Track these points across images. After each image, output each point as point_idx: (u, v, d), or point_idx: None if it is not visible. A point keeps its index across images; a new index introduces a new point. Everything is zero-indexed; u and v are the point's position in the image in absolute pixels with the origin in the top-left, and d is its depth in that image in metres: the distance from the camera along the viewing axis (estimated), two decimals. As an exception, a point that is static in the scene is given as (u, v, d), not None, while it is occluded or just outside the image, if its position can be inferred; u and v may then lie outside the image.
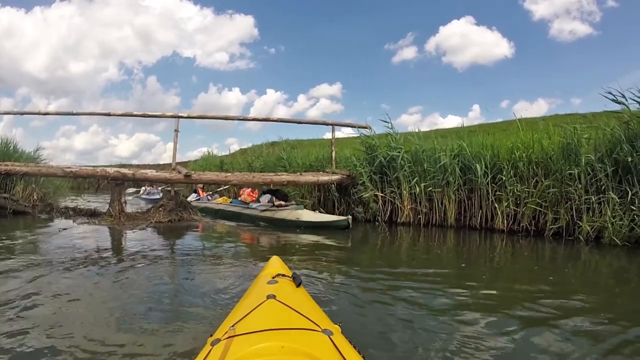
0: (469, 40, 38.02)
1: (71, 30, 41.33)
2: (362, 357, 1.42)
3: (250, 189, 10.61)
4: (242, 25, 43.33)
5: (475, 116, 35.21)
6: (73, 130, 47.04)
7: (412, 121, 41.15)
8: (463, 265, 5.37)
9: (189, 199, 11.93)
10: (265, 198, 9.33)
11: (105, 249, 5.86)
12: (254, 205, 9.62)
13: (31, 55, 42.05)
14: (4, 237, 6.36)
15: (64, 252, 5.34)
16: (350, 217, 7.85)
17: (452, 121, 36.92)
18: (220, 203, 11.49)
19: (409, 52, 39.85)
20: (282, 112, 40.87)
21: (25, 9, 43.77)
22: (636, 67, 31.30)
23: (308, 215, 8.30)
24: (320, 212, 9.03)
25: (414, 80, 42.42)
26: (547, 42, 35.69)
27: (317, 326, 1.47)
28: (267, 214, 8.85)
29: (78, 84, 44.42)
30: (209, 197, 13.16)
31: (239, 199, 10.71)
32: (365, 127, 10.22)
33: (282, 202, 8.90)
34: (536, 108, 36.54)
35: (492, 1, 42.38)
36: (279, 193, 9.60)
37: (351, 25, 43.01)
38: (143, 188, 19.97)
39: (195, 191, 13.44)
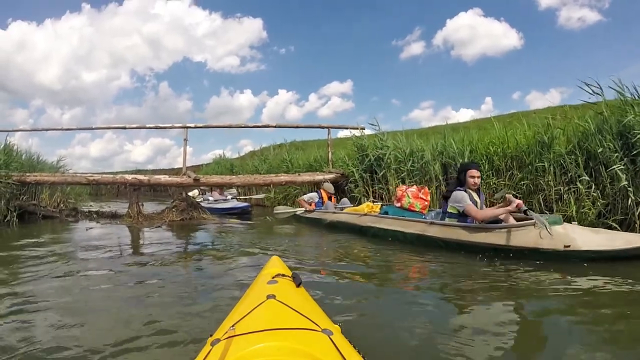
0: (477, 33, 35.53)
1: (82, 40, 40.27)
2: (362, 357, 1.26)
3: (415, 186, 6.05)
4: (251, 28, 41.98)
5: (488, 109, 32.87)
6: (88, 138, 46.10)
7: (424, 116, 38.17)
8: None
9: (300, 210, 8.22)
10: (460, 199, 4.50)
11: (126, 245, 6.15)
12: (429, 217, 5.36)
13: (44, 67, 40.99)
14: (41, 237, 6.70)
15: (92, 246, 5.54)
16: None
17: (464, 114, 34.86)
18: (366, 214, 6.16)
19: (416, 48, 37.38)
20: (293, 112, 39.48)
21: (36, 22, 42.84)
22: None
23: (590, 239, 3.81)
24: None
25: (423, 75, 39.66)
26: (556, 31, 33.19)
27: (317, 326, 1.31)
28: (480, 235, 4.26)
29: (91, 93, 43.43)
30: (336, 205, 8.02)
31: (397, 205, 5.81)
32: (359, 129, 9.94)
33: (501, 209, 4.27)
34: (549, 98, 34.28)
35: (499, -9, 38.08)
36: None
37: (358, 23, 40.21)
38: (196, 191, 13.18)
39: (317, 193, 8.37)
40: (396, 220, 5.46)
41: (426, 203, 5.70)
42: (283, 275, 1.86)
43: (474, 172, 4.58)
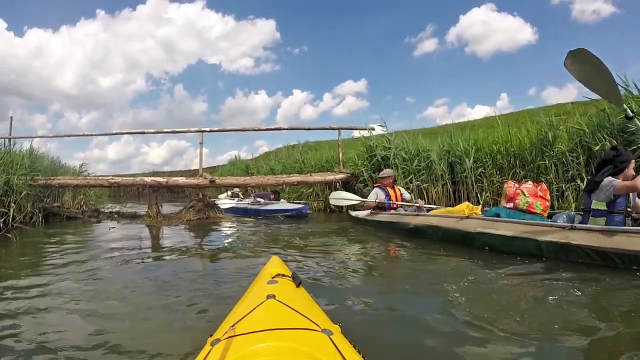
0: (491, 28, 34.71)
1: (97, 46, 40.01)
2: (362, 357, 1.21)
3: (530, 181, 4.57)
4: (264, 30, 41.14)
5: (503, 105, 32.19)
6: (106, 141, 45.55)
7: (439, 114, 36.73)
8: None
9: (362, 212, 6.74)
10: (609, 182, 3.30)
11: (146, 243, 6.12)
12: (560, 220, 3.85)
13: (61, 73, 40.88)
14: (67, 236, 6.82)
15: (115, 244, 5.56)
16: None
17: (480, 111, 33.62)
18: (469, 217, 4.42)
19: (429, 45, 36.56)
20: (308, 112, 38.67)
21: (52, 29, 42.83)
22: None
23: None
24: None
25: (437, 73, 38.53)
26: (570, 24, 32.30)
27: (317, 326, 1.26)
28: None
29: (107, 97, 43.03)
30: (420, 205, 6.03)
31: (509, 205, 4.31)
32: (368, 129, 9.83)
33: None
34: (566, 93, 33.52)
35: (512, -15, 35.21)
36: None
37: (370, 21, 39.12)
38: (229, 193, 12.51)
39: (383, 192, 6.44)
40: (520, 226, 3.80)
41: (547, 204, 4.28)
42: (283, 275, 1.81)
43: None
